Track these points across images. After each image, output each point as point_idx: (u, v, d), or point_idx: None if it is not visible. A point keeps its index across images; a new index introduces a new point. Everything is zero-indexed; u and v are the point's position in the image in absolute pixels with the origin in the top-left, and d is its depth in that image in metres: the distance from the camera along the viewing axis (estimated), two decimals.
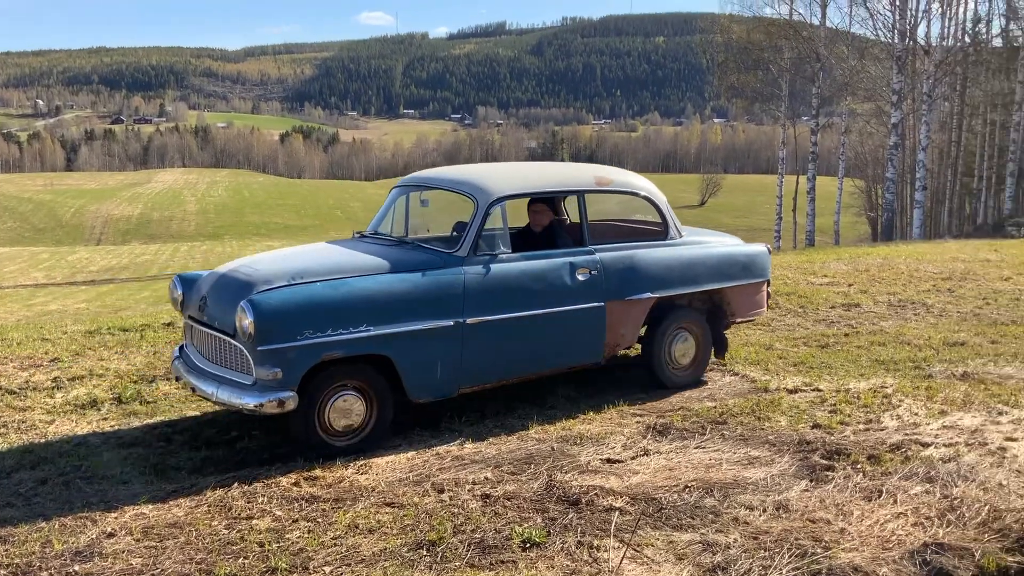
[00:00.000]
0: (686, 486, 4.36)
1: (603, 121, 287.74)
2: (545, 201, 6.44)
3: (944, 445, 4.88)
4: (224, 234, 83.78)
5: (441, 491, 4.34)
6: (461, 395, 5.59)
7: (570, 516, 3.99)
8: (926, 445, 4.90)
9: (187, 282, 5.67)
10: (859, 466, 4.59)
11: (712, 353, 6.76)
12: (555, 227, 6.38)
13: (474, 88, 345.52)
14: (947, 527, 3.78)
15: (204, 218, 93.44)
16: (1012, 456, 4.66)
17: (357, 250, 5.71)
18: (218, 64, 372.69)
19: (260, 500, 4.29)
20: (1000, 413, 5.51)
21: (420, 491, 4.34)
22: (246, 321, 4.77)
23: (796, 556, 3.54)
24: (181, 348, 5.78)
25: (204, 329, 5.28)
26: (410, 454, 4.99)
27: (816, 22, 32.05)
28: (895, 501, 4.09)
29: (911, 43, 28.40)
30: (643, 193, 6.53)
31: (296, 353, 4.82)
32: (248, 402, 4.81)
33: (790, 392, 6.17)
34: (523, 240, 6.20)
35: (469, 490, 4.34)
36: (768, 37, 33.59)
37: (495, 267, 5.57)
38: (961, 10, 35.15)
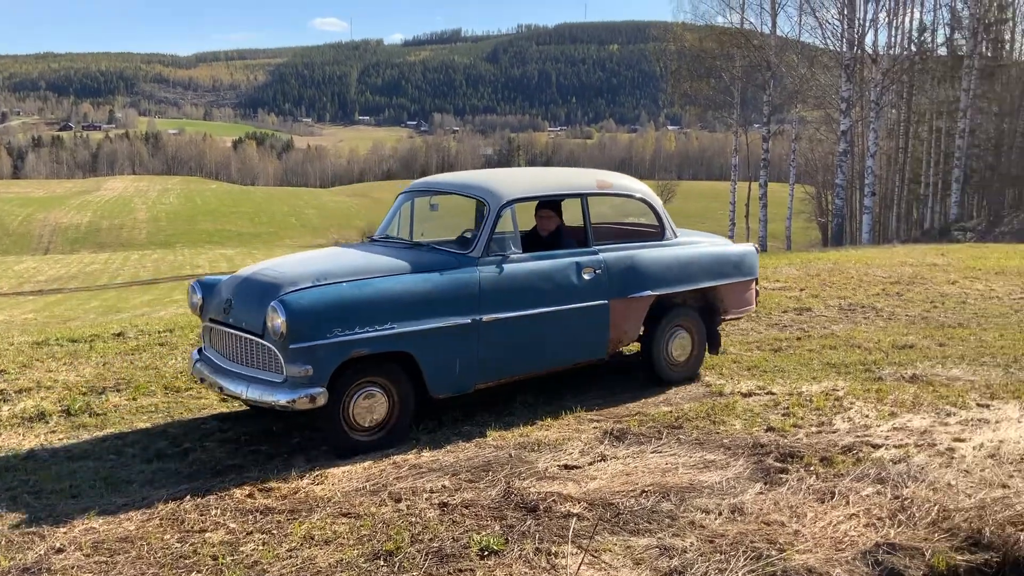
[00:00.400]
0: (643, 491, 4.38)
1: (559, 128, 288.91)
2: (552, 207, 6.67)
3: (894, 446, 4.98)
4: (176, 242, 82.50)
5: (398, 500, 4.31)
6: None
7: (528, 523, 3.99)
8: (877, 447, 4.98)
9: (207, 286, 5.82)
10: (812, 468, 4.65)
11: (706, 349, 7.05)
12: (561, 232, 6.61)
13: (430, 95, 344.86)
14: (898, 527, 3.85)
15: (155, 226, 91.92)
16: (960, 456, 4.76)
17: (373, 252, 5.93)
18: (169, 70, 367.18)
19: (213, 513, 4.22)
20: (948, 414, 5.63)
21: (377, 501, 4.31)
22: (278, 320, 4.94)
23: (751, 559, 3.57)
24: (199, 351, 5.88)
25: (229, 331, 5.42)
26: (366, 463, 4.95)
27: (767, 31, 32.65)
28: (847, 502, 4.16)
29: (859, 52, 28.99)
30: (640, 196, 6.84)
31: (326, 351, 5.01)
32: (280, 399, 4.98)
33: (744, 396, 6.24)
34: (529, 244, 6.33)
35: (427, 499, 4.32)
36: (720, 45, 34.08)
37: (507, 267, 5.81)
38: (907, 20, 36.09)
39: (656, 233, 6.85)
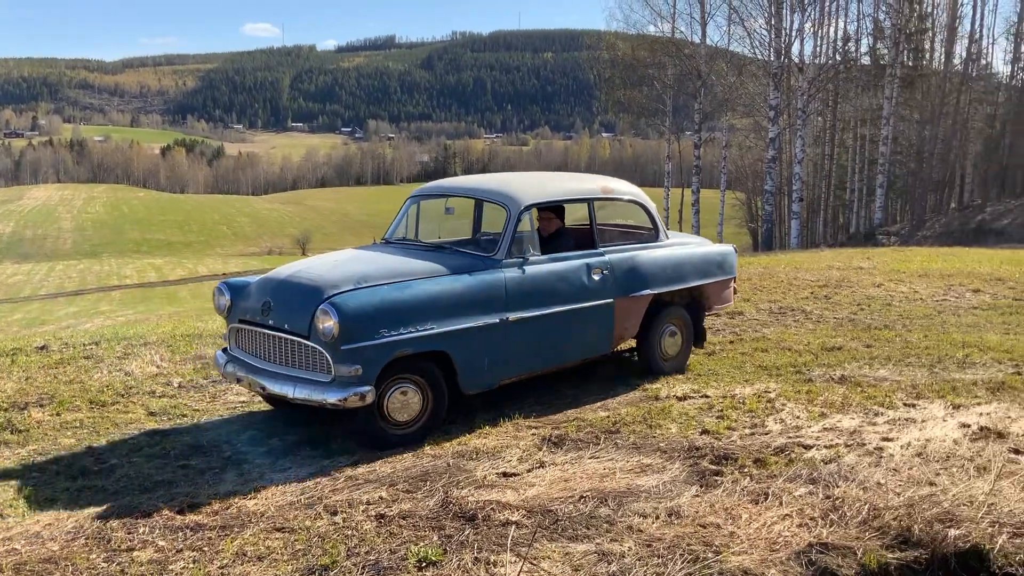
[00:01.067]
0: (581, 496, 4.38)
1: (495, 135, 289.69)
2: (555, 210, 6.92)
3: (825, 447, 5.07)
4: (102, 252, 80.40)
5: (334, 513, 4.23)
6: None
7: (467, 532, 3.95)
8: (808, 447, 5.08)
9: (235, 289, 5.94)
10: (746, 470, 4.72)
11: (692, 343, 7.53)
12: (562, 232, 6.92)
13: (364, 101, 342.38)
14: (830, 527, 3.91)
15: (81, 235, 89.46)
16: (888, 455, 4.88)
17: (398, 255, 6.14)
18: (95, 76, 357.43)
19: (141, 531, 4.09)
20: (876, 414, 5.77)
21: (312, 514, 4.23)
22: (330, 323, 5.10)
23: (688, 562, 3.60)
24: (225, 352, 5.95)
25: (269, 332, 5.52)
26: (301, 475, 4.87)
27: (697, 40, 33.23)
28: (781, 503, 4.22)
29: (786, 61, 29.68)
30: (639, 200, 7.26)
31: (374, 351, 5.21)
32: (331, 398, 5.12)
33: (679, 399, 6.31)
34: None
35: (363, 510, 4.25)
36: (652, 54, 34.58)
37: (528, 268, 6.12)
38: (832, 30, 37.14)
39: (650, 235, 7.26)
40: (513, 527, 3.98)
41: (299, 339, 5.31)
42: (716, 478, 4.61)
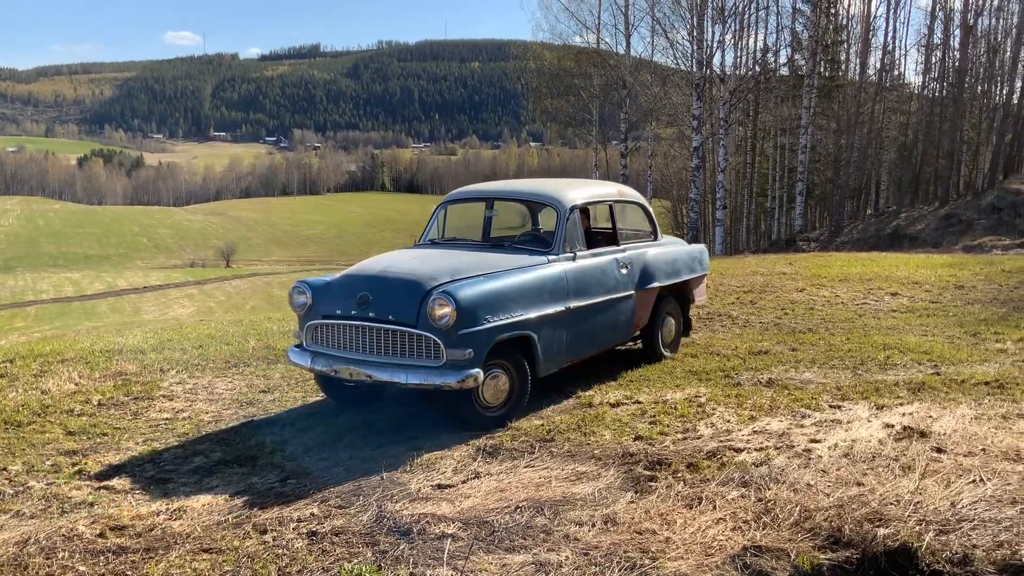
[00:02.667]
0: (517, 506, 4.35)
1: (423, 144, 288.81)
2: (583, 210, 7.55)
3: (755, 450, 5.14)
4: (17, 266, 77.49)
5: (263, 532, 4.11)
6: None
7: (401, 547, 3.88)
8: (739, 450, 5.14)
9: (317, 288, 6.22)
10: (680, 475, 4.75)
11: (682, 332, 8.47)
12: (589, 231, 7.65)
13: (289, 110, 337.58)
14: (763, 529, 3.96)
15: None
16: (817, 457, 4.97)
17: (468, 251, 6.75)
18: (6, 84, 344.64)
19: (61, 556, 3.90)
20: (804, 416, 5.88)
21: (240, 533, 4.10)
22: (447, 310, 5.54)
23: (625, 569, 3.59)
24: (299, 348, 6.26)
25: (369, 324, 5.80)
26: (228, 494, 4.71)
27: (621, 51, 33.61)
28: (714, 507, 4.25)
29: (708, 71, 30.26)
30: (642, 203, 8.19)
31: (483, 335, 5.70)
32: (449, 380, 5.51)
33: (613, 406, 6.34)
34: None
35: (294, 528, 4.14)
36: (578, 64, 34.88)
37: (579, 262, 6.78)
38: (752, 41, 38.09)
39: (651, 235, 8.13)
40: (449, 540, 3.93)
41: (406, 328, 5.67)
42: (651, 484, 4.63)
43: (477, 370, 5.61)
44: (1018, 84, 36.54)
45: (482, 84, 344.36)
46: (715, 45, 30.39)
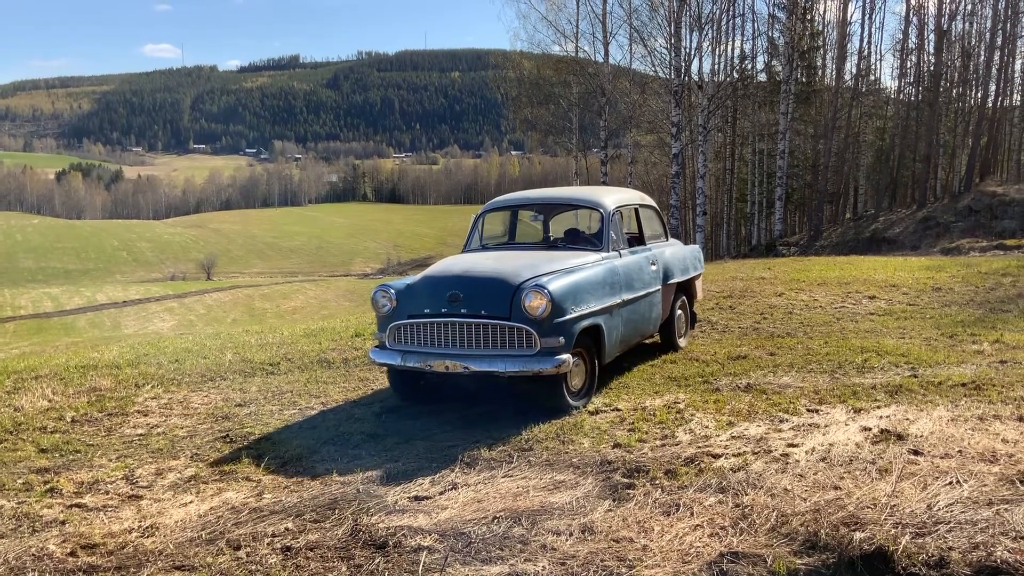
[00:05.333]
0: (495, 517, 4.31)
1: (404, 154, 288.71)
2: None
3: (733, 455, 5.13)
4: None
5: (237, 548, 4.05)
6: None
7: (377, 561, 3.84)
8: (717, 456, 5.13)
9: (400, 291, 6.59)
10: (657, 482, 4.73)
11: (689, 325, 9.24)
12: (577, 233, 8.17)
13: (269, 122, 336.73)
14: (740, 535, 3.94)
15: None
16: (794, 461, 4.96)
17: (529, 251, 7.44)
18: None
19: (30, 575, 3.84)
20: (782, 421, 5.88)
21: (214, 550, 4.04)
22: (543, 301, 6.01)
23: None
24: (382, 348, 6.59)
25: (462, 320, 6.19)
26: (202, 509, 4.65)
27: (600, 59, 33.70)
28: (692, 513, 4.24)
29: (686, 79, 30.41)
30: (655, 207, 8.82)
31: (570, 324, 6.23)
32: (547, 367, 5.97)
33: (591, 414, 6.31)
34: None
35: (268, 544, 4.09)
36: (557, 73, 34.94)
37: (624, 259, 7.43)
38: (729, 48, 38.23)
39: (662, 236, 8.82)
40: (425, 552, 3.89)
41: (500, 321, 6.09)
42: (628, 491, 4.60)
43: (568, 356, 6.07)
44: (992, 87, 37.01)
45: (462, 94, 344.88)
46: (693, 52, 30.58)
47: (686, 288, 9.09)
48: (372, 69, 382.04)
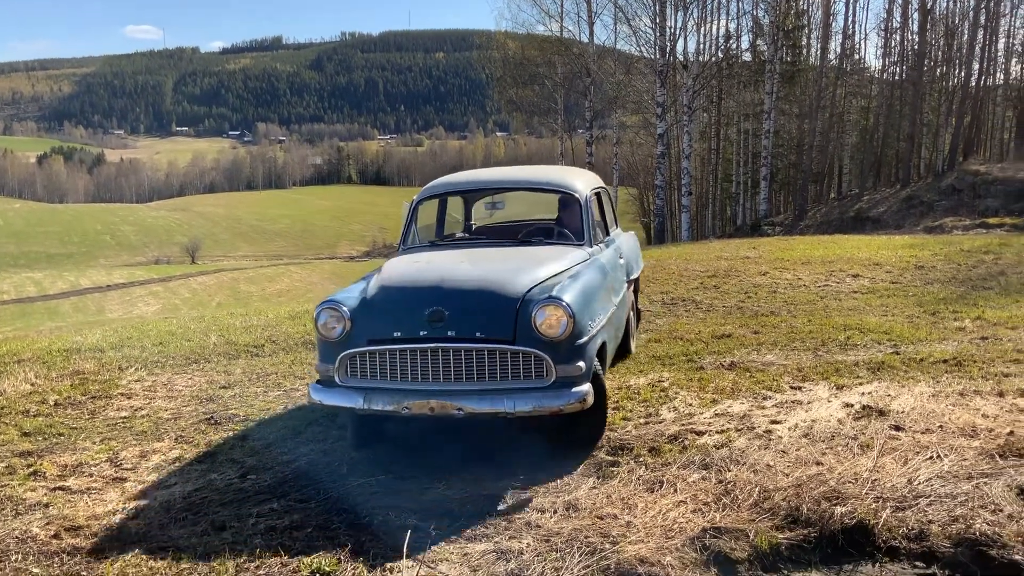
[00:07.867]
0: (480, 494, 4.33)
1: (389, 136, 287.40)
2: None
3: (717, 432, 5.17)
4: None
5: (222, 528, 4.05)
6: None
7: (362, 539, 3.85)
8: (701, 433, 5.16)
9: (355, 309, 4.88)
10: (641, 459, 4.76)
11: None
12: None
13: (252, 104, 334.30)
14: (723, 511, 3.98)
15: None
16: (777, 437, 5.00)
17: (503, 248, 5.91)
18: None
19: (14, 558, 3.83)
20: (765, 398, 5.92)
21: (198, 531, 4.04)
22: (562, 317, 4.59)
23: (586, 554, 3.59)
24: (323, 385, 4.90)
25: (447, 345, 4.61)
26: (186, 491, 4.64)
27: (585, 39, 33.60)
28: (675, 490, 4.27)
29: (671, 58, 30.36)
30: (608, 192, 7.53)
31: (589, 344, 4.84)
32: (570, 401, 4.56)
33: None
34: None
35: (253, 524, 4.09)
36: (542, 53, 34.81)
37: (604, 255, 6.23)
38: (714, 27, 38.25)
39: (614, 222, 7.56)
40: (409, 531, 3.90)
41: (501, 346, 4.59)
42: (612, 469, 4.63)
43: (588, 386, 4.67)
44: (976, 66, 37.12)
45: (447, 75, 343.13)
46: (678, 31, 30.51)
47: (635, 283, 8.00)
48: (356, 50, 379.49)
